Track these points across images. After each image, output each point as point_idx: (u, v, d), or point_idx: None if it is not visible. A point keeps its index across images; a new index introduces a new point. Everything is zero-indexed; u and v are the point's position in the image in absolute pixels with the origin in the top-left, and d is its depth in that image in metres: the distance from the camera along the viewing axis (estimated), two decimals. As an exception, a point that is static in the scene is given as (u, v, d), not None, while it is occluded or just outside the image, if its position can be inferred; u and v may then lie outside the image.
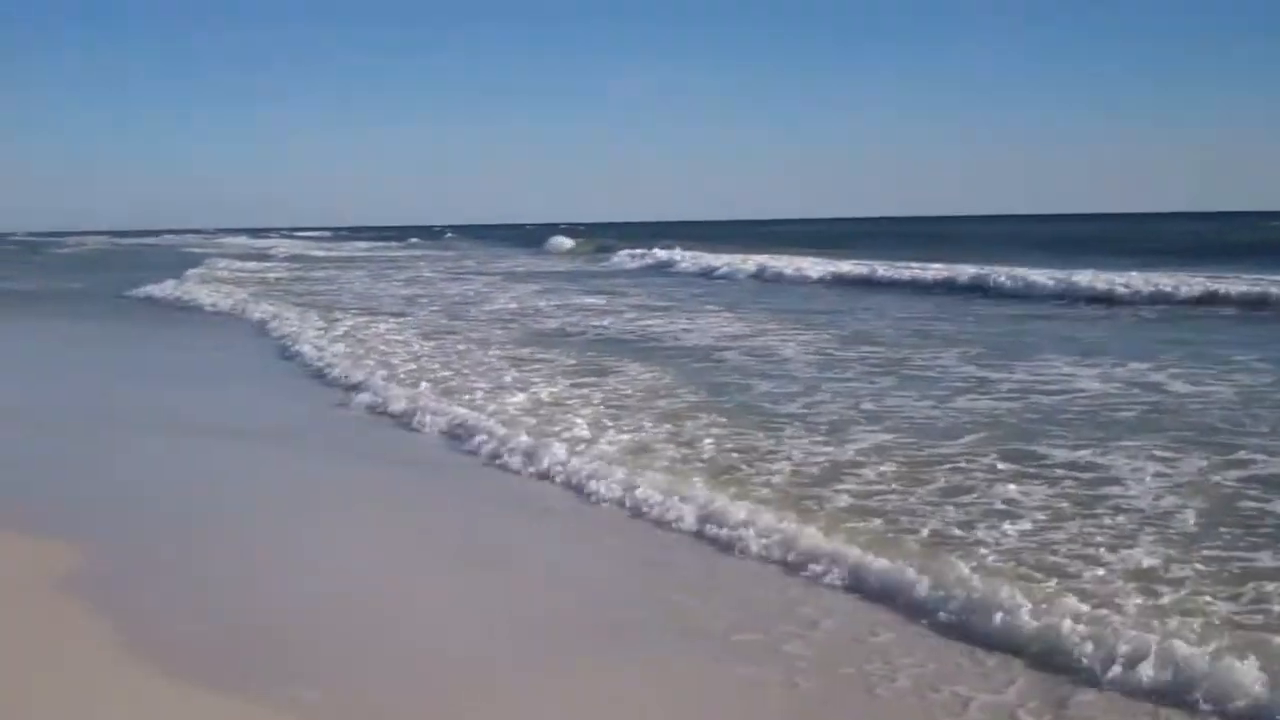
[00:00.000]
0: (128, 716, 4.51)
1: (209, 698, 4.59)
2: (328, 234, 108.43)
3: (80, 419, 11.04)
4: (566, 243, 57.54)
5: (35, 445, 9.90)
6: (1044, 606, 5.18)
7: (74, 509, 7.64)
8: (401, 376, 12.75)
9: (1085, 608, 5.18)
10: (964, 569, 5.73)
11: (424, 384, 12.08)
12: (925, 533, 6.54)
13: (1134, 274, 22.75)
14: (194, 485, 8.43)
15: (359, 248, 69.79)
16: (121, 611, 5.53)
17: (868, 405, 10.46)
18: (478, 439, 9.22)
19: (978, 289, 23.43)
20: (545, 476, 8.16)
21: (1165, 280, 21.51)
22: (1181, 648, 4.65)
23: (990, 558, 6.07)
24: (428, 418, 10.13)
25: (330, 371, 13.33)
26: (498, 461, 8.66)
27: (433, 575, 6.23)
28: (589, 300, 24.21)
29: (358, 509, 7.64)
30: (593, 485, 7.72)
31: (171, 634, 5.27)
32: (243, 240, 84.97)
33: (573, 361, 13.91)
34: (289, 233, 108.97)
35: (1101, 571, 5.79)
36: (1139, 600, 5.36)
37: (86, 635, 5.27)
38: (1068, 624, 4.97)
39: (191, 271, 36.50)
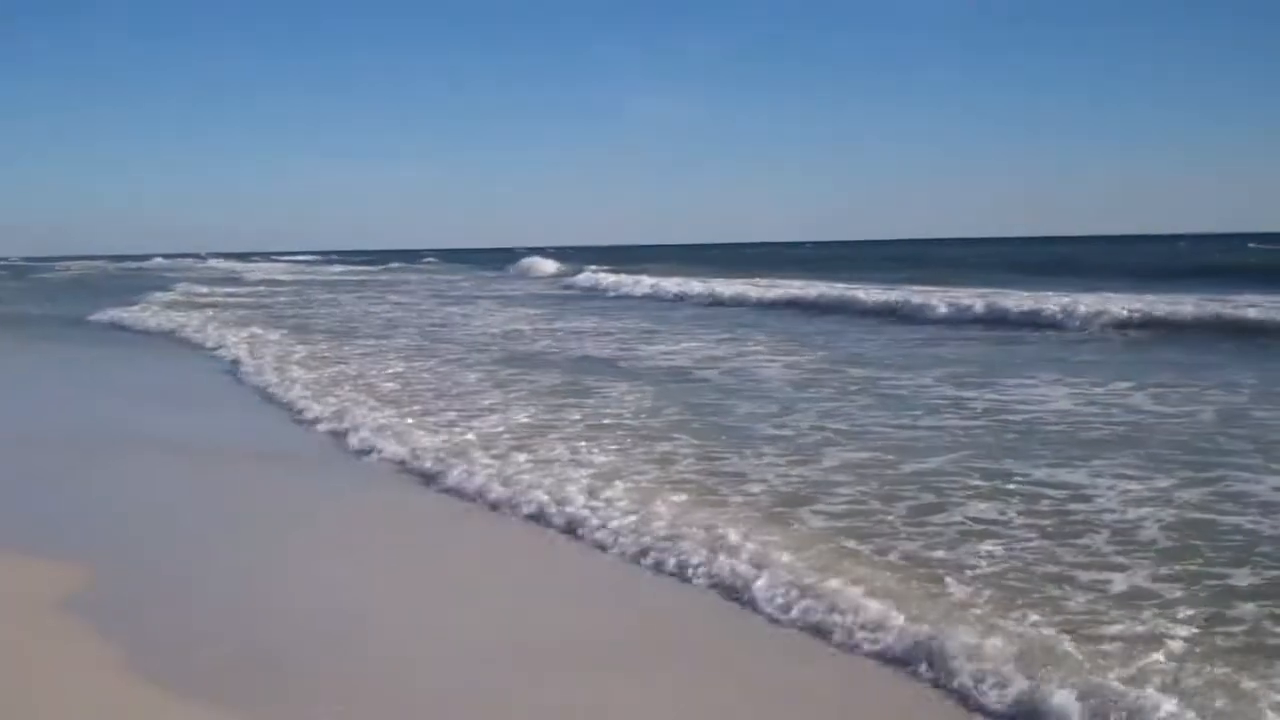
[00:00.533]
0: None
1: (213, 715, 4.64)
2: (317, 258, 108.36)
3: (44, 440, 11.00)
4: (547, 265, 57.52)
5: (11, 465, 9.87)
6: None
7: (59, 529, 7.67)
8: (379, 401, 12.73)
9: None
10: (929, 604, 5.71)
11: (409, 407, 12.08)
12: (896, 555, 6.55)
13: (1116, 295, 22.87)
14: (179, 505, 8.43)
15: (335, 272, 69.66)
16: (124, 631, 5.58)
17: (845, 425, 10.50)
18: (455, 463, 9.19)
19: (964, 314, 22.97)
20: (520, 502, 8.07)
21: (1149, 302, 21.60)
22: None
23: (967, 579, 6.10)
24: (401, 444, 10.05)
25: (298, 396, 13.24)
26: (477, 484, 8.56)
27: (420, 597, 6.24)
28: (572, 323, 24.19)
29: (345, 531, 7.67)
30: (567, 508, 7.71)
31: (174, 653, 5.32)
32: (230, 264, 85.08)
33: (554, 382, 13.91)
34: (275, 257, 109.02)
35: (1081, 596, 5.82)
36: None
37: (90, 654, 5.31)
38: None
39: (157, 296, 36.35)
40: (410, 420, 11.14)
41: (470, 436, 10.20)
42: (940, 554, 6.49)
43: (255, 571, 6.76)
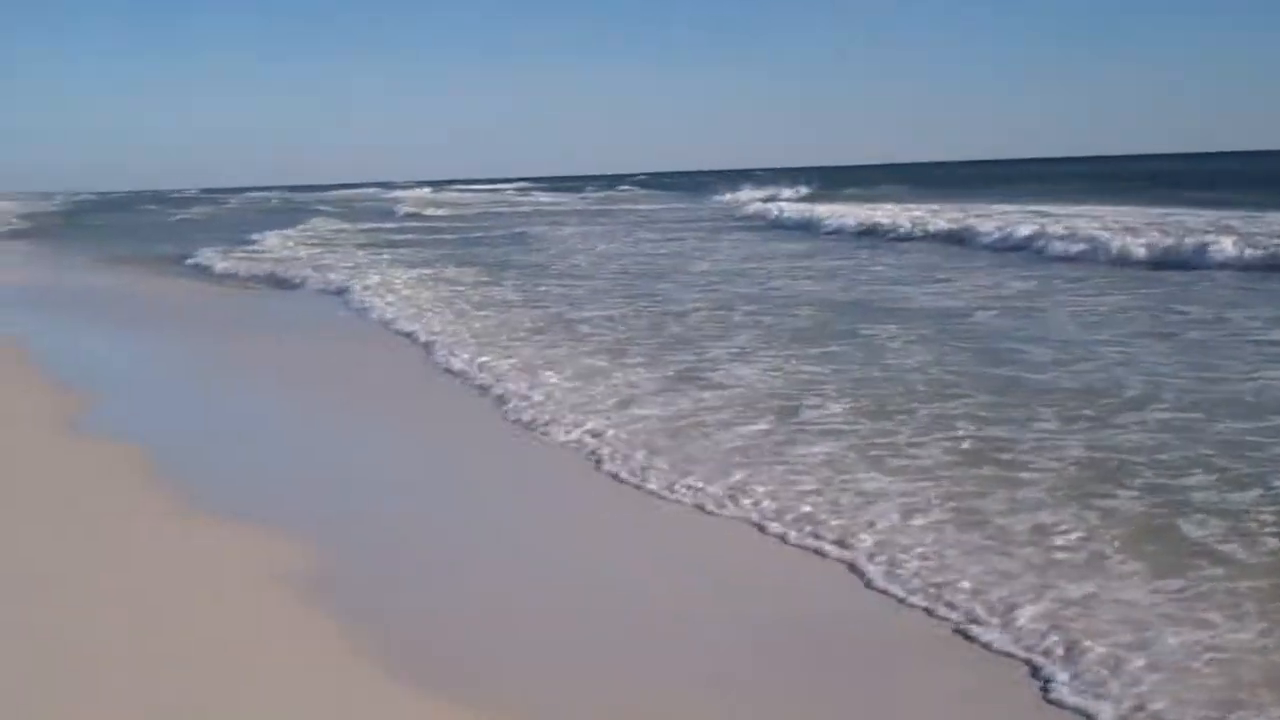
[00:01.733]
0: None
1: (434, 702, 4.64)
2: (508, 186, 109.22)
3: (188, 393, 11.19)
4: (757, 193, 55.96)
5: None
6: None
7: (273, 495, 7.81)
8: (589, 349, 12.26)
9: None
10: None
11: (626, 359, 11.60)
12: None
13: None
14: (382, 476, 8.25)
15: (539, 200, 69.77)
16: (355, 613, 5.55)
17: (1144, 377, 9.73)
18: (683, 435, 8.65)
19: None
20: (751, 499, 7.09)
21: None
22: None
23: None
24: (614, 409, 9.40)
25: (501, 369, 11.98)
26: (706, 464, 7.82)
27: (663, 604, 5.82)
28: (818, 261, 22.60)
29: (565, 515, 7.34)
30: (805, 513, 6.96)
31: (400, 635, 5.31)
32: (424, 192, 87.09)
33: (803, 326, 13.38)
34: (465, 187, 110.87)
35: None
36: None
37: (315, 633, 5.32)
38: None
39: (271, 234, 35.54)
40: (628, 376, 10.61)
41: (704, 397, 9.56)
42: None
43: (478, 551, 6.66)
